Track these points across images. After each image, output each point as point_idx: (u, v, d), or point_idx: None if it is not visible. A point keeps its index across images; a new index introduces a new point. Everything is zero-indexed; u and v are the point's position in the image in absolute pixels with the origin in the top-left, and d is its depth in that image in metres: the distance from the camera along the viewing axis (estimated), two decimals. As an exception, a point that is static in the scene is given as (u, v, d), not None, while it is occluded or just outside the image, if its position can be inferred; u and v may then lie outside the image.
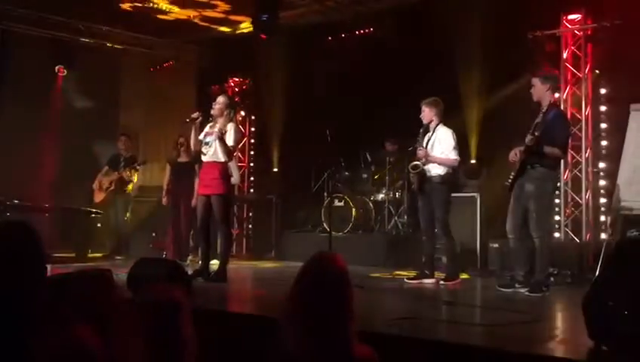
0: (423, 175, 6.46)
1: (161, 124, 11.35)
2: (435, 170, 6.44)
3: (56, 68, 10.07)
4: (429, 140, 6.51)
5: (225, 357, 3.49)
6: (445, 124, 6.58)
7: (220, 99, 6.52)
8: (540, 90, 5.85)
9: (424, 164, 6.44)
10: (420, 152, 6.46)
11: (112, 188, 9.11)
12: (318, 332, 2.05)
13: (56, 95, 10.18)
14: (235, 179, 8.45)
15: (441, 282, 6.38)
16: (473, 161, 8.57)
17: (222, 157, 6.24)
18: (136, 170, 9.30)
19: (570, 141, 6.05)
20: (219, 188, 6.23)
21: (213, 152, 6.26)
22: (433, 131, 6.52)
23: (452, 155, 6.43)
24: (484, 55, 7.96)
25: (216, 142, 6.23)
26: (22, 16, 9.48)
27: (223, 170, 6.28)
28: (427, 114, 6.51)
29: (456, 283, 6.36)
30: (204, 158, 6.38)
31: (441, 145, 6.43)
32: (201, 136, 6.38)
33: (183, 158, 8.74)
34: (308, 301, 2.11)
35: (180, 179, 8.68)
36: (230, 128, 6.27)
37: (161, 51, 11.05)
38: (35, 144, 9.36)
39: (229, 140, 6.24)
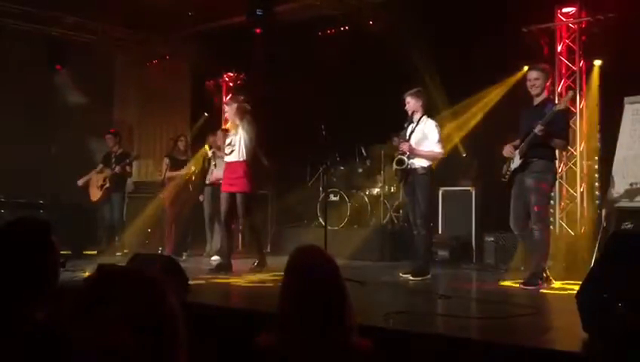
0: (407, 168, 6.43)
1: (156, 119, 11.33)
2: (419, 162, 6.39)
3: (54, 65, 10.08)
4: (412, 132, 6.45)
5: (221, 352, 3.49)
6: (435, 118, 6.58)
7: (226, 108, 7.03)
8: (543, 83, 5.80)
9: (409, 158, 6.41)
10: (404, 146, 6.36)
11: (106, 185, 9.09)
12: (314, 329, 2.04)
13: (52, 91, 10.16)
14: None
15: (410, 278, 6.25)
16: (465, 155, 8.58)
17: (244, 156, 6.71)
18: (130, 166, 9.32)
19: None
20: (243, 186, 6.72)
21: (236, 152, 6.74)
22: (417, 123, 6.48)
23: (437, 149, 6.37)
24: (478, 48, 7.95)
25: (240, 142, 6.73)
26: (15, 12, 9.43)
27: (246, 168, 6.73)
28: (413, 105, 6.44)
29: (425, 278, 6.26)
30: (227, 159, 6.90)
31: (427, 139, 6.39)
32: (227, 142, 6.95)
33: (180, 155, 8.94)
34: (301, 300, 2.09)
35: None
36: (246, 127, 6.74)
37: (155, 47, 11.01)
38: (29, 141, 9.32)
39: (248, 140, 6.72)
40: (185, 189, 8.95)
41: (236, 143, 6.80)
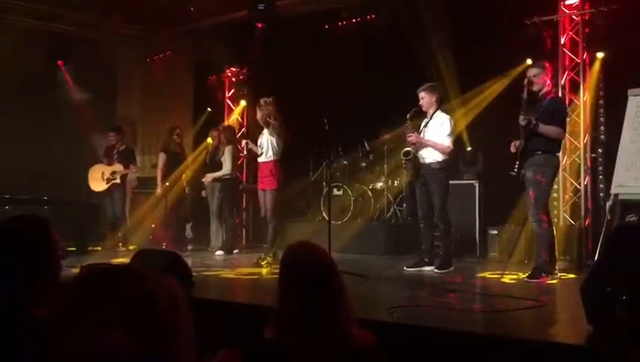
0: (417, 162, 6.44)
1: (159, 115, 11.32)
2: (432, 156, 6.43)
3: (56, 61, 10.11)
4: (425, 126, 6.50)
5: (224, 346, 3.50)
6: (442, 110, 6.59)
7: (258, 113, 7.48)
8: (543, 79, 5.87)
9: (417, 150, 6.42)
10: (411, 138, 6.44)
11: (115, 180, 9.13)
12: (313, 324, 2.04)
13: (55, 87, 10.16)
14: (226, 169, 8.55)
15: (435, 270, 6.36)
16: (469, 149, 8.56)
17: (272, 157, 7.36)
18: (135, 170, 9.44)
19: (567, 121, 6.00)
20: (271, 185, 7.36)
21: (265, 153, 7.40)
22: (431, 117, 6.50)
23: (445, 142, 6.40)
24: (481, 41, 7.92)
25: (268, 142, 7.37)
26: (17, 8, 9.42)
27: (274, 167, 7.35)
28: (428, 100, 6.49)
29: (449, 271, 6.34)
30: (259, 160, 7.55)
31: (437, 132, 6.42)
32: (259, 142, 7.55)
33: (176, 149, 9.02)
34: (298, 296, 2.09)
35: (175, 168, 8.87)
36: (276, 128, 7.34)
37: (157, 42, 10.99)
38: (33, 137, 9.33)
39: (279, 139, 7.34)
40: (182, 185, 9.01)
41: (265, 145, 7.41)
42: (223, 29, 10.13)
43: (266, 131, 7.46)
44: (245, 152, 8.08)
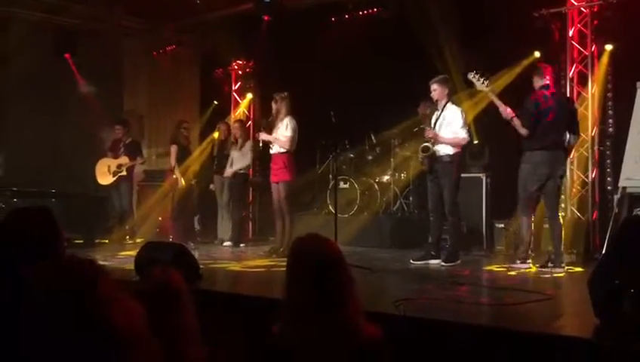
0: (433, 156, 6.46)
1: (166, 108, 11.33)
2: (444, 149, 6.43)
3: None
4: (437, 119, 6.50)
5: (234, 340, 3.51)
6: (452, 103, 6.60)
7: (273, 104, 7.42)
8: (538, 78, 6.12)
9: (434, 145, 6.43)
10: (429, 133, 6.46)
11: (122, 172, 9.15)
12: (321, 316, 2.04)
13: (61, 81, 10.18)
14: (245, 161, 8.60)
15: (442, 264, 6.37)
16: (476, 142, 8.53)
17: (285, 148, 7.22)
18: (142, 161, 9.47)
19: (532, 115, 5.98)
20: (284, 176, 7.28)
21: (277, 146, 7.29)
22: (442, 110, 6.50)
23: (461, 134, 6.42)
24: (488, 33, 7.88)
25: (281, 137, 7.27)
26: (24, 0, 9.44)
27: (287, 159, 7.26)
28: (439, 92, 6.49)
29: (456, 264, 6.35)
30: (271, 151, 7.41)
31: (450, 125, 6.42)
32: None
33: (184, 142, 9.04)
34: (306, 287, 2.09)
35: (182, 162, 8.94)
36: (285, 122, 7.24)
37: (164, 35, 10.98)
38: (40, 130, 9.36)
39: (288, 132, 7.18)
40: (189, 178, 9.06)
41: (278, 137, 7.30)
42: (229, 21, 10.10)
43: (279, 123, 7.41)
44: (261, 143, 8.06)
